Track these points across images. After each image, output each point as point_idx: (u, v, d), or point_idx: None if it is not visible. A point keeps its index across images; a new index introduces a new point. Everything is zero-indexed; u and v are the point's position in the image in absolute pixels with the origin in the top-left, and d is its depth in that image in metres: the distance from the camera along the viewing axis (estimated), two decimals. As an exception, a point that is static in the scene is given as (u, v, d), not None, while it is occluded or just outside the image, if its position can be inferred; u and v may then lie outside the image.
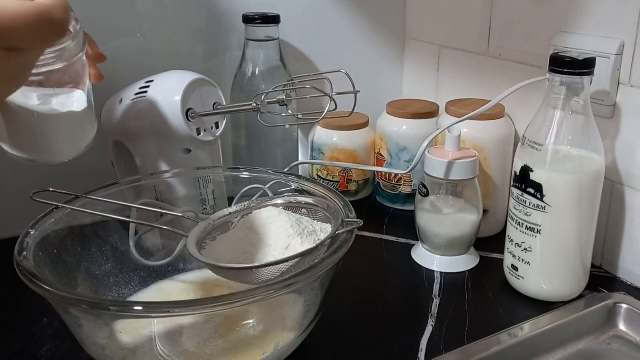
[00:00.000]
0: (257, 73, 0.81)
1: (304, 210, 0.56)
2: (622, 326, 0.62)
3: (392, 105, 0.85)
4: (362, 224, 0.51)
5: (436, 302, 0.63)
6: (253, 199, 0.60)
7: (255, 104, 0.68)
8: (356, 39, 0.95)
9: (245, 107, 0.69)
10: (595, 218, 0.62)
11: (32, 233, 0.51)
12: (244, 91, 0.82)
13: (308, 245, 0.50)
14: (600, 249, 0.69)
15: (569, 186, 0.59)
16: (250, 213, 0.56)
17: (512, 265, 0.64)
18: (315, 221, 0.54)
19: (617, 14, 0.63)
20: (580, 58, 0.58)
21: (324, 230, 0.52)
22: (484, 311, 0.62)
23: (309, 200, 0.57)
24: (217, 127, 0.69)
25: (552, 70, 0.59)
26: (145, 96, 0.66)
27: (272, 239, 0.51)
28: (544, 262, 0.62)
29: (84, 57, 0.47)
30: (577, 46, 0.67)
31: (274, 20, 0.81)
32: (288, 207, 0.56)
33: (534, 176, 0.60)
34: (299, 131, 0.91)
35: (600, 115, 0.64)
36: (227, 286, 0.61)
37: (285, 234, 0.51)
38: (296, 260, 0.48)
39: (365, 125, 0.88)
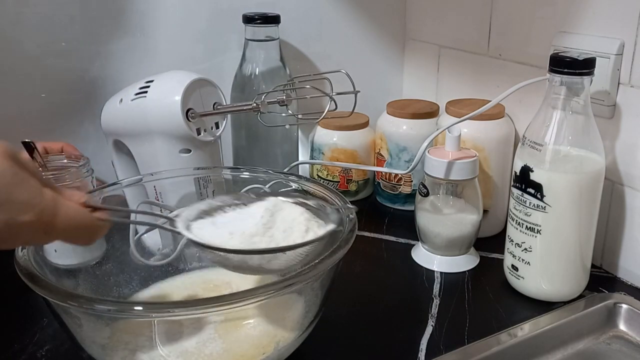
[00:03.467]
0: (257, 73, 0.81)
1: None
2: (622, 326, 0.62)
3: (392, 105, 0.85)
4: (357, 210, 0.52)
5: (436, 302, 0.63)
6: (244, 190, 0.59)
7: (255, 104, 0.68)
8: (356, 39, 0.95)
9: (245, 107, 0.69)
10: (595, 218, 0.62)
11: (32, 233, 0.51)
12: (244, 91, 0.82)
13: (324, 230, 0.50)
14: (600, 249, 0.69)
15: (569, 186, 0.59)
16: (247, 204, 0.55)
17: (512, 265, 0.64)
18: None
19: (617, 14, 0.63)
20: (580, 58, 0.57)
21: (321, 225, 0.52)
22: (484, 311, 0.62)
23: (304, 200, 0.56)
24: (217, 127, 0.69)
25: (552, 70, 0.59)
26: (145, 96, 0.66)
27: (287, 223, 0.50)
28: (544, 262, 0.62)
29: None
30: (577, 46, 0.67)
31: (274, 20, 0.81)
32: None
33: (534, 176, 0.60)
34: (299, 131, 0.91)
35: (600, 115, 0.64)
36: (227, 286, 0.61)
37: (301, 217, 0.50)
38: (318, 243, 0.48)
39: (365, 125, 0.88)
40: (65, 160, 0.68)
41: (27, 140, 0.64)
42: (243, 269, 0.49)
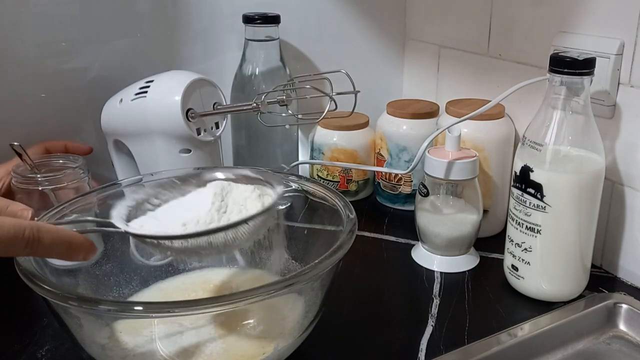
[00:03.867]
0: (257, 73, 0.81)
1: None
2: (622, 326, 0.62)
3: (392, 105, 0.85)
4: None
5: (436, 302, 0.63)
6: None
7: (255, 104, 0.68)
8: (356, 39, 0.95)
9: (245, 107, 0.69)
10: (595, 218, 0.62)
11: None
12: (244, 91, 0.82)
13: (276, 194, 0.51)
14: (600, 249, 0.69)
15: (569, 186, 0.59)
16: (182, 194, 0.55)
17: (512, 265, 0.64)
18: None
19: (617, 14, 0.63)
20: (580, 58, 0.58)
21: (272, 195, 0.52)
22: (484, 311, 0.62)
23: (243, 174, 0.56)
24: (217, 127, 0.69)
25: (552, 70, 0.59)
26: (145, 96, 0.66)
27: (240, 203, 0.50)
28: (544, 262, 0.62)
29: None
30: (577, 46, 0.67)
31: (274, 20, 0.81)
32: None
33: (534, 176, 0.60)
34: (299, 131, 0.91)
35: (600, 115, 0.64)
36: (227, 286, 0.61)
37: (253, 194, 0.51)
38: (264, 216, 0.49)
39: (365, 125, 0.88)
40: (62, 161, 0.67)
41: (15, 143, 0.63)
42: (207, 250, 0.48)
